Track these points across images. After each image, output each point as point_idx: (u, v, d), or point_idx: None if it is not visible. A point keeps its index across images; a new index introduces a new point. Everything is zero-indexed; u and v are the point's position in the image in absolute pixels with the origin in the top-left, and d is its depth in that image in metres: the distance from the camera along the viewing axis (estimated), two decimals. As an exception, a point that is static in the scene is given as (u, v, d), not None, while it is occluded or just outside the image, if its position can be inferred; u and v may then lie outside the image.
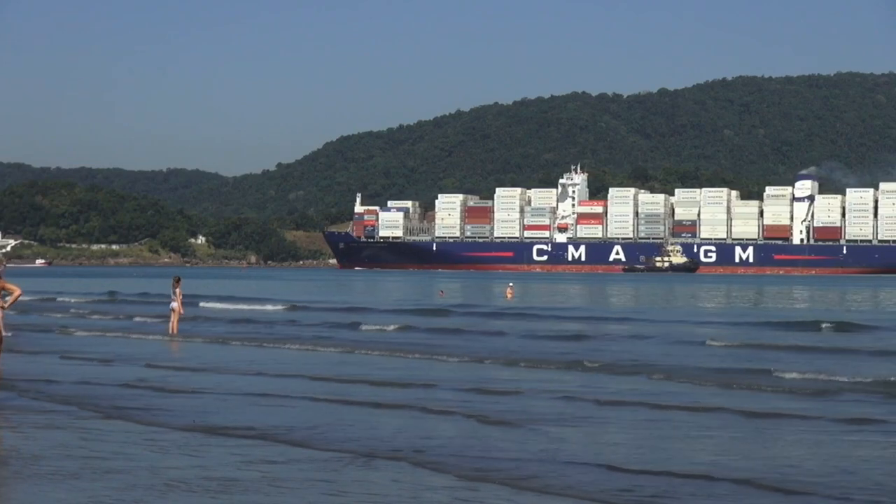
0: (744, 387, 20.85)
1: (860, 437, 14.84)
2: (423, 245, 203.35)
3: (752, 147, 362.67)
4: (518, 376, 23.01)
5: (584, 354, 27.51)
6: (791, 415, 16.84)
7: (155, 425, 15.55)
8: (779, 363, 24.95)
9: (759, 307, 60.36)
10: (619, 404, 18.01)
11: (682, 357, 27.06)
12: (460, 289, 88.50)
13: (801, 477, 12.08)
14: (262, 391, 19.61)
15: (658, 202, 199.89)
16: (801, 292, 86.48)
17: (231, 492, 10.95)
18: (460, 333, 36.02)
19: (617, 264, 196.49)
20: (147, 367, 24.44)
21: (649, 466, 12.57)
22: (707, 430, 15.42)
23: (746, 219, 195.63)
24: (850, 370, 22.96)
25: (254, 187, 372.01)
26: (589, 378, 22.61)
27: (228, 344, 31.86)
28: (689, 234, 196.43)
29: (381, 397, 18.81)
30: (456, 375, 22.99)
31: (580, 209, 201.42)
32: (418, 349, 29.41)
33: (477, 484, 11.65)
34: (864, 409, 17.58)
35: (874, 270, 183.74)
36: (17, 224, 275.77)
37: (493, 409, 17.41)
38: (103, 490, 11.01)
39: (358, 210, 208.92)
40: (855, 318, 43.77)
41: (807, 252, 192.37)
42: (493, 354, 27.78)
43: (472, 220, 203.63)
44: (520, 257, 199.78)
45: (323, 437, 14.51)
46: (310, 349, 29.84)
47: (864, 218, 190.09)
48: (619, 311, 53.08)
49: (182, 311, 33.29)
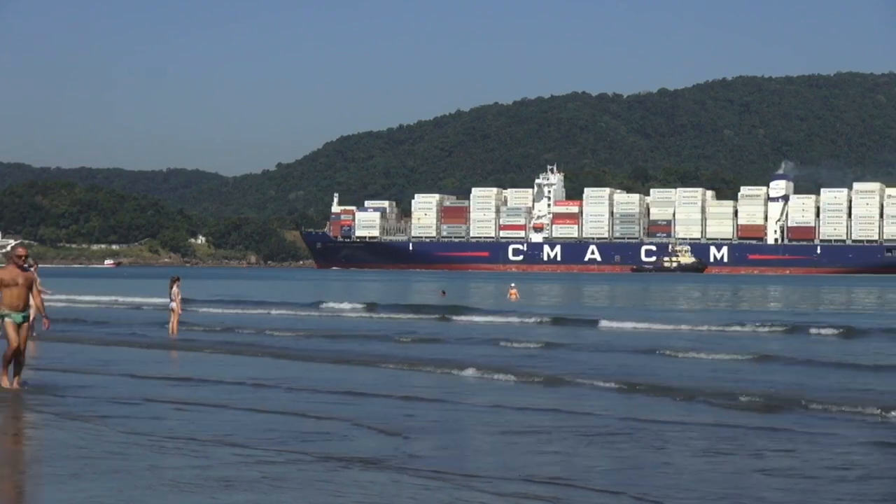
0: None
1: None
2: (400, 245, 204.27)
3: (752, 147, 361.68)
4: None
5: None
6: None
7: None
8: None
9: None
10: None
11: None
12: (458, 289, 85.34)
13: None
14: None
15: (633, 202, 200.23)
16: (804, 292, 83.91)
17: (231, 491, 10.51)
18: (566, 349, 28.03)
19: (592, 264, 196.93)
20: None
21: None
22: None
23: (721, 219, 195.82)
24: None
25: (254, 187, 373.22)
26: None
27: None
28: (664, 234, 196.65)
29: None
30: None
31: (556, 209, 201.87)
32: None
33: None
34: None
35: (848, 270, 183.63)
36: (17, 224, 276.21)
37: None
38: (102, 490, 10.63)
39: (335, 210, 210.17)
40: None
41: (781, 252, 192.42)
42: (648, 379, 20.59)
43: (449, 220, 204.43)
44: (495, 257, 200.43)
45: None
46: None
47: (839, 218, 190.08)
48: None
49: (181, 310, 32.31)
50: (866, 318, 43.28)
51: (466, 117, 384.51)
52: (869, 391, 18.79)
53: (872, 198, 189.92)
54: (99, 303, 54.28)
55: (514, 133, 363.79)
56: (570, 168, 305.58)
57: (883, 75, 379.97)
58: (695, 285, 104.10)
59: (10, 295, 17.11)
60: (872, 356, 26.11)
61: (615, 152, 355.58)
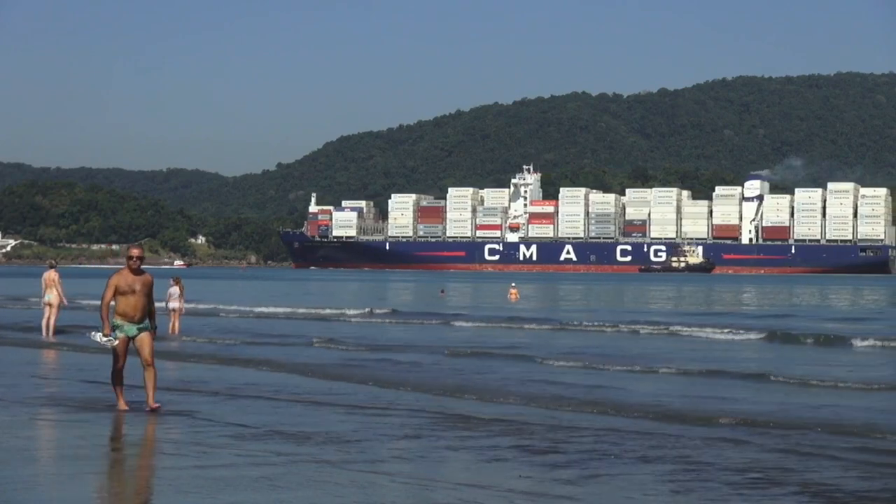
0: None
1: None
2: (377, 245, 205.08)
3: (752, 147, 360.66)
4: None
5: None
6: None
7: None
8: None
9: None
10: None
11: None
12: (457, 290, 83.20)
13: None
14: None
15: (609, 202, 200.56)
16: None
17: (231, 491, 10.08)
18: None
19: (568, 264, 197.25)
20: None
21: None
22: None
23: (696, 218, 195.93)
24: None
25: (254, 187, 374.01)
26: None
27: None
28: (639, 233, 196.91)
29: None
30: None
31: (532, 209, 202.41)
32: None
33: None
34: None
35: (822, 270, 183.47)
36: (17, 224, 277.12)
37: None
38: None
39: (312, 210, 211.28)
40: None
41: (755, 252, 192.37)
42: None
43: (425, 219, 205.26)
44: (471, 257, 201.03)
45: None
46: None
47: (813, 218, 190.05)
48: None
49: (183, 309, 31.73)
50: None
51: (466, 117, 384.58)
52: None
53: (846, 198, 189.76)
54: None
55: (514, 133, 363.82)
56: (571, 168, 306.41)
57: (883, 75, 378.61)
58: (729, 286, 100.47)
59: (125, 303, 14.57)
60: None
61: (615, 152, 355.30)
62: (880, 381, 19.88)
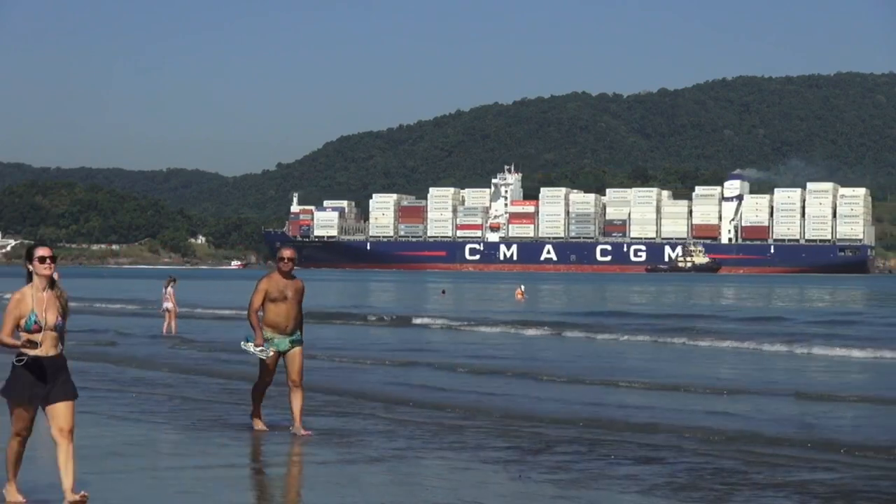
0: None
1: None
2: (358, 245, 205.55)
3: (752, 147, 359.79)
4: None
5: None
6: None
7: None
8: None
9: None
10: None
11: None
12: (456, 290, 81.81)
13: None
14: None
15: (589, 202, 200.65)
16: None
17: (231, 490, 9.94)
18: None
19: (548, 264, 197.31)
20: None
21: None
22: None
23: (676, 218, 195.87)
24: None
25: (254, 187, 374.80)
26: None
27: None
28: (619, 233, 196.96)
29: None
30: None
31: (512, 209, 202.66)
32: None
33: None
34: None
35: (801, 270, 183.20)
36: (17, 224, 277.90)
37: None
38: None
39: (294, 210, 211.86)
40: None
41: (735, 251, 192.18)
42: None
43: (406, 219, 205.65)
44: (452, 257, 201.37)
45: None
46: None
47: (792, 218, 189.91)
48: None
49: (177, 309, 32.09)
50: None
51: (466, 117, 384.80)
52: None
53: (826, 198, 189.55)
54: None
55: (514, 133, 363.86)
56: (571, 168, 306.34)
57: (883, 75, 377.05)
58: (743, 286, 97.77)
59: (275, 312, 12.69)
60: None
61: (615, 152, 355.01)
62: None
